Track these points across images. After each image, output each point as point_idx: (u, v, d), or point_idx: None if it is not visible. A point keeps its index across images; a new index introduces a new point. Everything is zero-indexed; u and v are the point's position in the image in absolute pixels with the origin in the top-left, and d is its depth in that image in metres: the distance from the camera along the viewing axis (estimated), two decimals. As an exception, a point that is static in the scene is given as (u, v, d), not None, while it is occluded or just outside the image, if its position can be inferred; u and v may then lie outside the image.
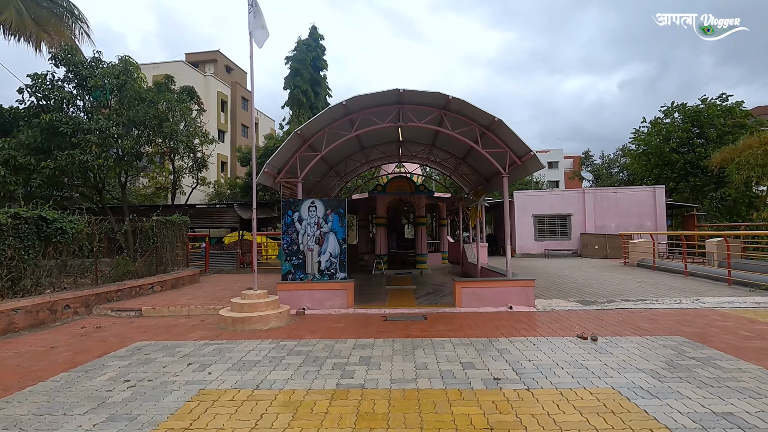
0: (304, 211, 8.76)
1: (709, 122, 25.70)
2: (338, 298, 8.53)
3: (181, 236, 12.74)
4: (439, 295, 10.40)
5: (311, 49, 18.76)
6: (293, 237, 8.73)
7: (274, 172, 9.13)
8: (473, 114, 8.87)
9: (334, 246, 8.70)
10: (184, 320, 8.02)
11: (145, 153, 16.26)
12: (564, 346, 5.72)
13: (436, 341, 6.09)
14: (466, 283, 8.57)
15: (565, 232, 24.38)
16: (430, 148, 12.88)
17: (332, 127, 9.20)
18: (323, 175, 12.68)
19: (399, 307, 8.61)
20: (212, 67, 45.51)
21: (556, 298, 9.30)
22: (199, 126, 16.58)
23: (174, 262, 12.49)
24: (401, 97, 8.70)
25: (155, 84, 16.30)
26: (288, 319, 7.61)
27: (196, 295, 10.36)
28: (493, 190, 12.31)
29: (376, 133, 11.52)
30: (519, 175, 9.35)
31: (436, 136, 11.60)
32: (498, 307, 8.40)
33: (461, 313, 8.16)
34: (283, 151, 8.80)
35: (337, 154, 12.14)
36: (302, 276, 8.67)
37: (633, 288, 10.73)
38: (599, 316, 7.66)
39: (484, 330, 6.74)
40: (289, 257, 8.71)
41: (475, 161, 11.75)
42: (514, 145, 8.80)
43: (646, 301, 8.76)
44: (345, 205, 8.81)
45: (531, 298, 8.43)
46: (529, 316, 7.76)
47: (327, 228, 8.74)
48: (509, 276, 8.76)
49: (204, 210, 19.15)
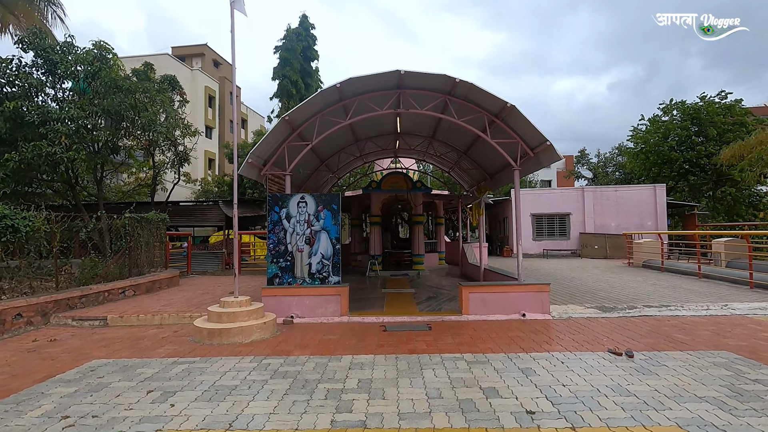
0: (293, 207, 7.82)
1: (709, 120, 25.19)
2: (331, 305, 7.60)
3: (159, 235, 11.70)
4: (440, 299, 9.51)
5: (302, 38, 17.78)
6: (280, 236, 7.78)
7: (260, 164, 8.16)
8: (481, 100, 8.00)
9: (326, 246, 7.77)
10: (154, 331, 7.02)
11: (123, 146, 15.12)
12: (598, 365, 4.86)
13: (446, 358, 5.20)
14: (474, 288, 7.70)
15: (564, 232, 23.69)
16: (430, 141, 12.00)
17: (324, 113, 8.26)
18: (314, 169, 11.73)
19: (399, 315, 7.71)
20: (200, 61, 44.19)
21: (571, 304, 8.47)
22: (181, 117, 15.47)
23: (151, 263, 11.45)
24: (402, 81, 7.80)
25: (134, 72, 15.18)
26: (274, 330, 6.66)
27: (173, 300, 9.35)
28: (498, 186, 11.47)
29: (372, 124, 10.62)
30: (531, 168, 8.50)
31: (437, 127, 10.72)
32: (509, 314, 7.54)
33: (469, 321, 7.28)
34: (269, 139, 7.84)
35: (329, 146, 11.20)
36: (290, 280, 7.72)
37: (649, 291, 9.96)
38: (623, 325, 6.84)
39: (499, 343, 5.87)
40: (276, 259, 7.76)
41: (479, 155, 10.89)
42: (526, 134, 7.94)
43: (670, 307, 7.97)
44: (338, 200, 7.88)
45: (546, 304, 7.58)
46: (546, 326, 6.91)
47: (318, 226, 7.80)
48: (521, 280, 7.91)
49: (187, 207, 18.05)
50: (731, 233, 15.88)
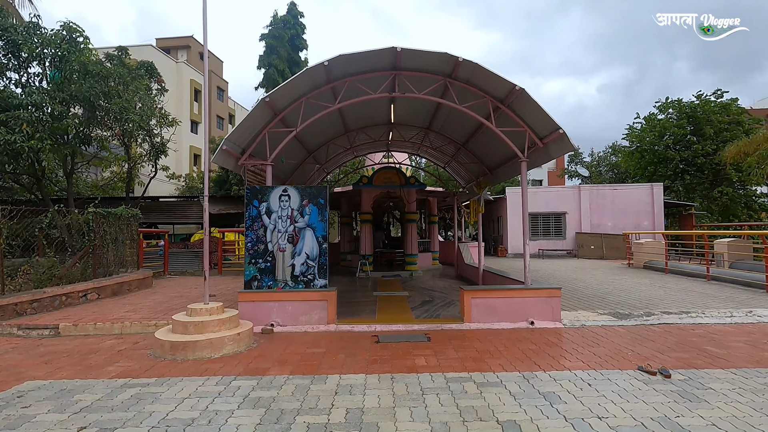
0: (274, 201, 6.93)
1: (706, 119, 24.79)
2: (316, 312, 6.74)
3: (130, 232, 10.70)
4: (438, 304, 8.71)
5: (289, 26, 16.82)
6: (260, 234, 6.89)
7: (237, 152, 7.26)
8: (486, 83, 7.20)
9: (311, 245, 6.90)
10: (111, 342, 6.09)
11: (96, 137, 14.04)
12: (632, 387, 4.09)
13: (451, 379, 4.38)
14: (477, 292, 6.89)
15: (560, 232, 23.09)
16: (426, 133, 11.17)
17: (310, 96, 7.39)
18: (300, 161, 10.83)
19: (393, 322, 6.88)
20: (185, 53, 42.85)
21: (581, 310, 7.72)
22: (158, 106, 14.43)
23: (121, 263, 10.45)
24: (398, 60, 6.95)
25: (107, 57, 14.11)
26: (249, 342, 5.78)
27: (140, 304, 8.40)
28: (498, 181, 10.70)
29: (364, 112, 9.78)
30: (539, 160, 7.73)
31: (435, 117, 9.90)
32: (516, 322, 6.76)
33: (472, 330, 6.48)
34: (247, 124, 6.94)
35: (316, 136, 10.32)
36: (271, 283, 6.84)
37: (661, 296, 9.27)
38: (645, 335, 6.10)
39: (510, 358, 5.07)
40: (255, 259, 6.87)
41: (479, 147, 10.10)
42: (535, 122, 7.16)
43: (691, 314, 7.25)
44: (326, 194, 7.02)
45: (557, 311, 6.82)
46: (559, 336, 6.13)
47: (303, 223, 6.93)
48: (528, 283, 7.13)
49: (166, 204, 17.00)
50: (733, 233, 15.36)
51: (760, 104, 44.14)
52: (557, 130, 6.74)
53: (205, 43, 6.17)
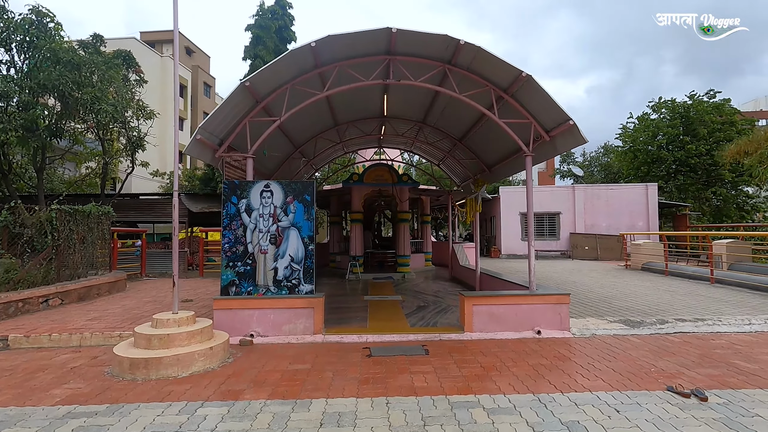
0: (255, 197, 6.24)
1: (699, 119, 24.60)
2: (302, 320, 6.07)
3: (101, 232, 9.89)
4: (433, 309, 8.09)
5: (277, 17, 16.08)
6: (238, 234, 6.20)
7: (214, 143, 6.55)
8: (489, 70, 6.60)
9: (296, 247, 6.23)
10: (66, 356, 5.35)
11: (68, 130, 13.16)
12: (667, 415, 3.51)
13: (457, 404, 3.75)
14: (479, 299, 6.28)
15: (554, 232, 22.67)
16: (420, 127, 10.55)
17: (296, 82, 6.71)
18: (287, 156, 10.13)
19: (386, 332, 6.24)
20: (171, 47, 41.67)
21: (589, 317, 7.16)
22: (136, 98, 13.59)
23: (91, 264, 9.65)
24: (393, 43, 6.32)
25: (81, 45, 13.23)
26: (224, 356, 5.09)
27: (108, 311, 7.63)
28: (497, 179, 10.13)
29: (354, 103, 9.13)
30: (545, 155, 7.16)
31: (430, 110, 9.28)
32: (521, 331, 6.17)
33: (474, 341, 5.87)
34: (225, 110, 6.23)
35: (303, 129, 9.64)
36: (251, 289, 6.15)
37: (669, 300, 8.77)
38: (664, 346, 5.55)
39: (520, 376, 4.47)
40: (233, 262, 6.17)
41: (478, 142, 9.51)
42: (542, 113, 6.58)
43: (706, 321, 6.74)
44: (312, 189, 6.35)
45: (565, 319, 6.25)
46: (569, 348, 5.55)
47: (287, 222, 6.25)
48: (533, 289, 6.55)
49: (146, 202, 16.15)
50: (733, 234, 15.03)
51: (745, 107, 44.45)
52: (567, 121, 6.16)
53: (175, 26, 5.47)
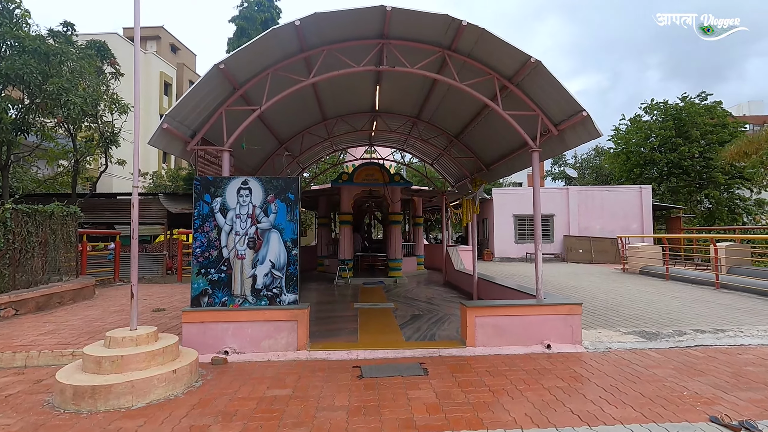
0: (231, 195, 5.53)
1: (691, 121, 24.43)
2: (283, 335, 5.37)
3: (66, 233, 9.05)
4: (430, 318, 7.44)
5: (264, 9, 15.35)
6: (212, 237, 5.47)
7: (185, 134, 5.81)
8: (493, 56, 5.99)
9: (278, 251, 5.52)
10: (5, 380, 4.57)
11: (36, 124, 12.26)
12: (723, 458, 2.90)
13: (467, 444, 3.10)
14: (482, 309, 5.64)
15: (548, 234, 22.22)
16: (414, 123, 9.91)
17: (279, 67, 6.01)
18: (271, 153, 9.41)
19: (379, 346, 5.57)
20: (155, 44, 40.53)
21: (600, 328, 6.58)
22: (111, 91, 12.73)
23: (54, 270, 8.81)
24: (387, 25, 5.67)
25: (50, 33, 12.34)
26: (191, 380, 4.36)
27: (67, 323, 6.83)
28: (495, 178, 9.54)
29: (344, 96, 8.48)
30: (552, 151, 6.57)
31: (425, 104, 8.64)
32: (529, 345, 5.55)
33: (478, 357, 5.23)
34: (197, 95, 5.51)
35: (289, 123, 8.94)
36: (226, 299, 5.43)
37: (678, 308, 8.25)
38: (689, 363, 4.97)
39: (536, 402, 3.83)
40: (205, 269, 5.45)
41: (476, 139, 8.91)
42: (550, 104, 5.98)
43: (727, 332, 6.20)
44: (297, 187, 5.66)
45: (577, 332, 5.64)
46: (585, 365, 4.94)
47: (267, 223, 5.55)
48: (541, 298, 5.94)
49: (121, 201, 15.24)
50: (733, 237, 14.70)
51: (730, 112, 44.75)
52: (579, 112, 5.57)
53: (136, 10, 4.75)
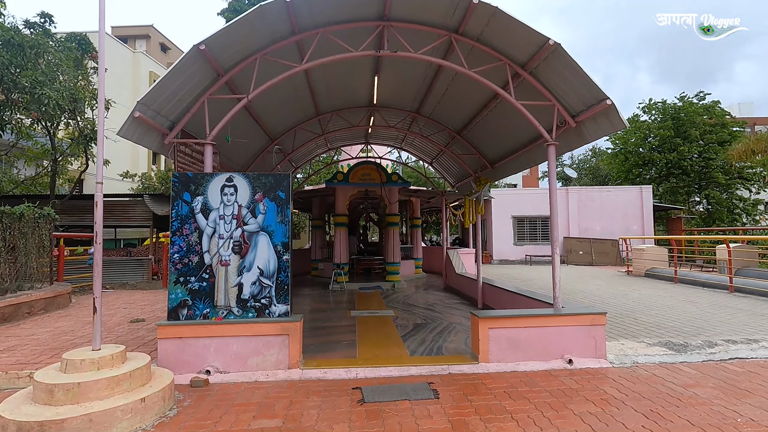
0: (214, 193, 4.91)
1: (690, 121, 24.14)
2: (273, 351, 4.75)
3: (39, 237, 8.36)
4: (434, 328, 6.85)
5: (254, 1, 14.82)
6: (192, 241, 4.84)
7: (162, 125, 5.18)
8: (505, 40, 5.43)
9: (267, 257, 4.91)
10: (-55, 411, 3.90)
11: (10, 121, 11.53)
12: None
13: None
14: (496, 320, 5.06)
15: (548, 236, 21.73)
16: (414, 118, 9.34)
17: (267, 52, 5.41)
18: (261, 150, 8.78)
19: (381, 362, 4.97)
20: (144, 43, 39.74)
21: (622, 339, 6.02)
22: (92, 86, 12.03)
23: (25, 276, 8.12)
24: (389, 5, 5.09)
25: (27, 24, 11.64)
26: (163, 408, 3.73)
27: (32, 337, 6.15)
28: (499, 176, 9.00)
29: (339, 88, 7.91)
30: (568, 145, 6.03)
31: (427, 96, 8.07)
32: (548, 360, 4.98)
33: (493, 375, 4.64)
34: (174, 81, 4.88)
35: (280, 117, 8.33)
36: (208, 311, 4.80)
37: (697, 314, 7.73)
38: (729, 381, 4.42)
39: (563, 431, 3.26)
40: (185, 277, 4.81)
41: (480, 134, 8.35)
42: (567, 93, 5.43)
43: (760, 343, 5.67)
44: (288, 184, 5.05)
45: (601, 344, 5.08)
46: (616, 384, 4.37)
47: (255, 225, 4.93)
48: (559, 306, 5.37)
49: (106, 204, 14.47)
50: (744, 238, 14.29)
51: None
52: (602, 101, 5.02)
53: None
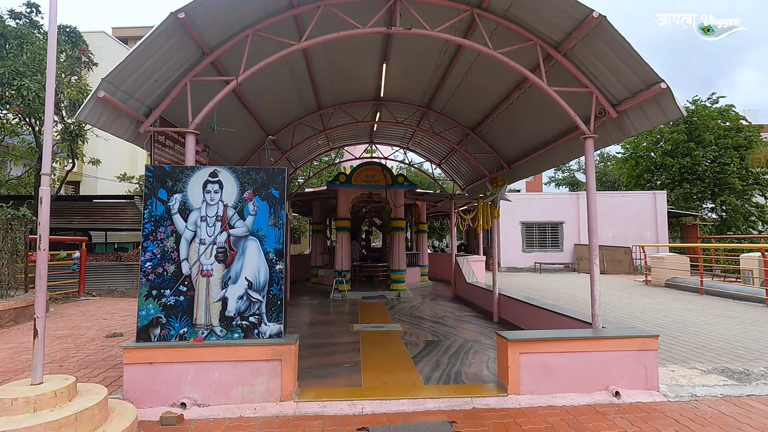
0: (195, 191, 4.14)
1: (704, 125, 23.38)
2: (262, 380, 3.96)
3: (12, 241, 7.61)
4: (448, 347, 6.05)
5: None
6: (167, 246, 4.08)
7: (136, 111, 4.42)
8: (536, 15, 4.66)
9: (256, 266, 4.13)
10: None
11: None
12: None
13: None
14: (529, 344, 4.26)
15: (557, 243, 20.94)
16: (424, 114, 8.58)
17: (260, 28, 4.67)
18: (255, 146, 8.03)
19: (390, 393, 4.17)
20: (145, 44, 39.14)
21: (668, 363, 5.22)
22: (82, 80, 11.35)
23: (-4, 284, 7.36)
24: (402, -29, 4.36)
25: (11, 15, 10.97)
26: (119, 460, 2.94)
27: (-10, 355, 5.38)
28: (517, 177, 8.21)
29: (343, 76, 7.18)
30: (606, 139, 5.28)
31: (440, 88, 7.31)
32: (590, 392, 4.17)
33: (526, 411, 3.84)
34: (148, 57, 4.15)
35: (277, 109, 7.59)
36: (185, 330, 4.02)
37: (743, 332, 6.92)
38: (816, 421, 3.62)
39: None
40: (158, 290, 4.04)
41: (498, 130, 7.59)
42: (609, 77, 4.66)
43: (834, 371, 4.86)
44: (283, 181, 4.28)
45: (652, 373, 4.27)
46: (677, 426, 3.56)
47: (243, 228, 4.16)
48: (599, 327, 4.58)
49: (93, 205, 13.77)
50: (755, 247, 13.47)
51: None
52: (655, 84, 4.24)
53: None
